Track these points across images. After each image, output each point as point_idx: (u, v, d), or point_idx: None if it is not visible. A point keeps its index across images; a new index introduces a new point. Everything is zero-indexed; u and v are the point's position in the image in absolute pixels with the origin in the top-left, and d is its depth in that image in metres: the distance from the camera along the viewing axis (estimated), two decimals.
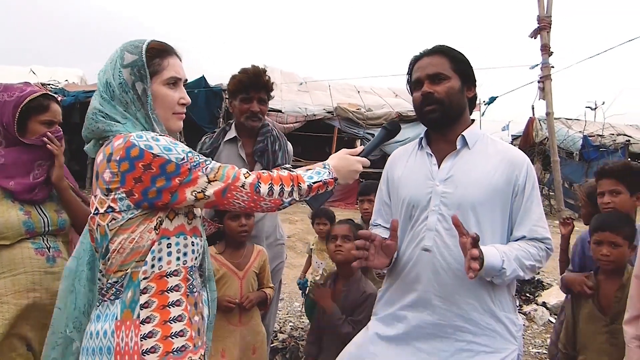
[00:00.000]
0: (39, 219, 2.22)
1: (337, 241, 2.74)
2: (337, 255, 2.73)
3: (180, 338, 1.54)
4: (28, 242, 2.19)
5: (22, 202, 2.20)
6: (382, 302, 2.13)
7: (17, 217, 2.16)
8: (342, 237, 2.74)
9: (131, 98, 1.59)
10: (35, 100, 2.21)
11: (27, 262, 2.16)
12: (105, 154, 1.52)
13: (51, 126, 2.27)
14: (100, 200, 1.52)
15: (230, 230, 2.63)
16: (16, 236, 2.15)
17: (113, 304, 1.54)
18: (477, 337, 1.88)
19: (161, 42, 1.67)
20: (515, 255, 1.85)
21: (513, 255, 1.84)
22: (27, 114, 2.20)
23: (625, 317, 2.10)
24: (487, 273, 1.80)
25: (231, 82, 3.01)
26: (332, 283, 2.82)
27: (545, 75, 5.32)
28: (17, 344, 2.17)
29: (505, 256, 1.81)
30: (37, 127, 2.23)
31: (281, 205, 1.62)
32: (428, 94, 1.94)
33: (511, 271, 1.82)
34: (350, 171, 1.76)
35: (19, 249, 2.16)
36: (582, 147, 15.25)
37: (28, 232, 2.18)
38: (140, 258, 1.52)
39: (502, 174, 1.92)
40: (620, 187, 2.71)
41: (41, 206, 2.26)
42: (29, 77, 15.47)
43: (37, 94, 2.22)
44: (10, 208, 2.16)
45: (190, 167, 1.50)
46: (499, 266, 1.79)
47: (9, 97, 2.18)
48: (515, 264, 1.83)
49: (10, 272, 2.14)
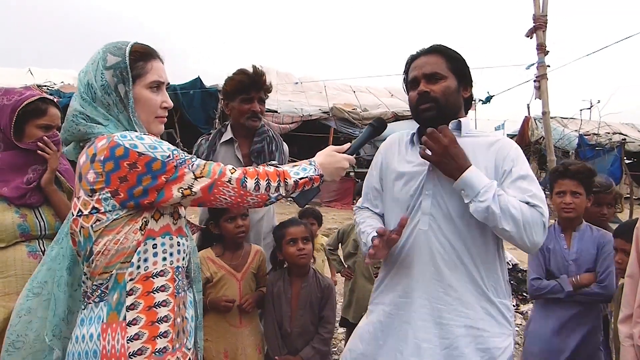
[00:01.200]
0: (35, 222, 2.21)
1: (298, 244, 2.62)
2: (302, 259, 2.62)
3: (164, 339, 1.54)
4: (23, 245, 2.18)
5: (18, 205, 2.19)
6: (380, 289, 2.13)
7: (12, 220, 2.15)
8: (302, 239, 2.64)
9: (113, 100, 1.58)
10: (32, 104, 2.20)
11: (19, 264, 2.15)
12: (89, 155, 1.50)
13: (48, 130, 2.25)
14: (84, 201, 1.50)
15: (227, 232, 2.61)
16: (10, 239, 2.14)
17: (98, 307, 1.52)
18: (476, 322, 1.88)
19: (144, 45, 1.66)
20: (504, 198, 1.78)
21: (501, 196, 1.78)
22: (24, 118, 2.18)
23: (620, 316, 2.11)
24: (462, 185, 1.81)
25: (229, 83, 2.99)
26: (288, 283, 2.69)
27: (541, 74, 5.33)
28: None
29: (491, 187, 1.78)
30: (34, 131, 2.21)
31: (268, 201, 1.62)
32: (424, 92, 1.95)
33: (485, 198, 1.76)
34: (336, 168, 1.77)
35: (12, 251, 2.15)
36: (578, 146, 15.30)
37: (23, 235, 2.17)
38: (126, 259, 1.51)
39: (490, 159, 1.93)
40: (580, 189, 2.77)
41: (39, 209, 2.25)
42: (27, 78, 15.45)
43: (34, 97, 2.21)
44: (6, 211, 2.16)
45: (177, 164, 1.50)
46: (477, 189, 1.78)
47: (7, 101, 2.17)
48: (495, 198, 1.77)
49: (1, 274, 2.13)
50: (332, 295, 2.71)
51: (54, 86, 15.05)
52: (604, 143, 15.55)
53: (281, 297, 2.65)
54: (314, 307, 2.65)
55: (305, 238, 2.65)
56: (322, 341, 2.62)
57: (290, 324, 2.63)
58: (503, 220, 1.76)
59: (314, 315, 2.66)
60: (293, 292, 2.67)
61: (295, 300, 2.66)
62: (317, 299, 2.66)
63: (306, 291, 2.66)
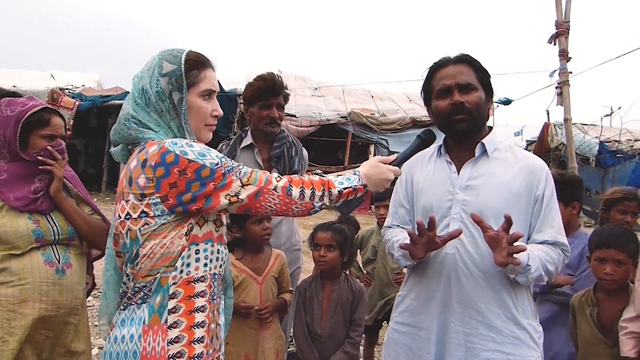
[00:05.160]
0: (49, 227, 2.23)
1: (321, 250, 2.72)
2: (321, 265, 2.73)
3: (200, 344, 1.55)
4: (38, 253, 2.19)
5: (30, 212, 2.20)
6: (401, 308, 2.10)
7: (26, 226, 2.16)
8: (326, 246, 2.72)
9: (166, 107, 1.61)
10: (36, 115, 2.20)
11: (36, 272, 2.16)
12: (140, 159, 1.53)
13: (52, 140, 2.25)
14: (133, 205, 1.53)
15: (253, 234, 2.63)
16: (26, 245, 2.15)
17: (140, 308, 1.55)
18: (502, 345, 1.85)
19: (198, 54, 1.68)
20: (538, 255, 1.83)
21: (537, 255, 1.82)
22: (28, 129, 2.19)
23: (625, 316, 2.16)
24: (512, 269, 1.79)
25: (248, 89, 3.05)
26: (320, 286, 2.78)
27: (563, 80, 5.27)
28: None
29: (531, 254, 1.80)
30: (38, 142, 2.21)
31: (312, 210, 1.63)
32: (460, 103, 1.91)
33: (535, 269, 1.80)
34: (381, 179, 1.76)
35: (28, 259, 2.16)
36: (598, 152, 15.08)
37: (38, 241, 2.18)
38: (170, 263, 1.53)
39: (522, 182, 1.91)
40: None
41: (51, 215, 2.26)
42: (49, 81, 15.69)
43: (37, 108, 2.21)
44: (19, 217, 2.17)
45: (224, 171, 1.53)
46: (524, 262, 1.77)
47: (11, 112, 2.18)
48: (538, 263, 1.81)
49: (19, 281, 2.13)
50: (362, 299, 2.75)
51: (76, 89, 15.26)
52: (625, 150, 15.31)
53: (313, 299, 2.73)
54: (345, 310, 2.70)
55: (329, 245, 2.71)
56: (352, 345, 2.67)
57: (321, 327, 2.68)
58: (545, 277, 1.88)
59: (345, 318, 2.70)
60: (324, 295, 2.74)
61: (327, 302, 2.72)
62: (348, 302, 2.71)
63: (337, 294, 2.72)
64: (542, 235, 1.91)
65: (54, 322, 2.22)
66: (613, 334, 2.30)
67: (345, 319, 2.70)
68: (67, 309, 2.26)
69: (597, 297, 2.44)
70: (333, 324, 2.68)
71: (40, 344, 2.21)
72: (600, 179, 12.91)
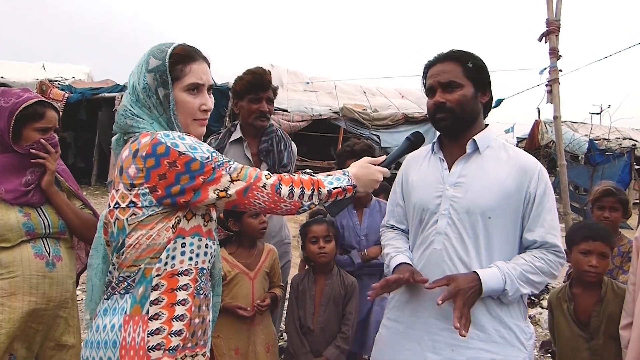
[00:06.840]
0: (39, 220, 2.22)
1: (319, 243, 2.72)
2: (322, 257, 2.73)
3: (177, 337, 1.55)
4: (28, 245, 2.18)
5: (21, 205, 2.19)
6: (391, 304, 2.14)
7: (17, 219, 2.15)
8: (323, 238, 2.73)
9: (154, 103, 1.62)
10: (30, 108, 2.19)
11: (26, 264, 2.16)
12: (132, 149, 1.54)
13: (46, 133, 2.24)
14: (123, 194, 1.54)
15: (250, 227, 2.64)
16: (17, 238, 2.15)
17: (122, 298, 1.56)
18: (487, 344, 1.86)
19: (186, 47, 1.67)
20: (520, 272, 1.85)
21: (517, 273, 1.84)
22: (22, 121, 2.17)
23: (622, 323, 2.14)
24: (489, 295, 1.83)
25: (238, 83, 3.05)
26: (312, 280, 2.80)
27: (553, 78, 5.29)
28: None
29: (508, 277, 1.82)
30: (31, 134, 2.20)
31: (300, 208, 1.63)
32: (440, 103, 1.94)
33: (514, 291, 1.83)
34: (370, 180, 1.77)
35: (18, 252, 2.15)
36: (588, 150, 15.17)
37: (28, 234, 2.18)
38: (155, 255, 1.54)
39: (513, 180, 1.91)
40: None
41: (42, 208, 2.26)
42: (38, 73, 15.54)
43: (32, 100, 2.20)
44: (9, 210, 2.16)
45: (214, 166, 1.53)
46: (500, 288, 1.81)
47: (5, 104, 2.16)
48: (518, 282, 1.83)
49: (8, 274, 2.13)
50: (355, 293, 2.76)
51: (65, 81, 15.09)
52: (614, 148, 15.40)
53: (305, 293, 2.74)
54: (337, 304, 2.71)
55: (326, 237, 2.72)
56: (344, 339, 2.68)
57: (313, 321, 2.69)
58: (533, 290, 1.90)
59: (337, 313, 2.71)
60: (317, 289, 2.75)
61: (319, 296, 2.73)
62: (341, 296, 2.72)
63: (329, 288, 2.73)
64: (532, 235, 1.92)
65: (44, 315, 2.22)
66: (590, 327, 2.35)
67: (337, 313, 2.71)
68: (57, 302, 2.25)
69: (573, 293, 2.47)
70: (325, 318, 2.69)
71: (30, 337, 2.20)
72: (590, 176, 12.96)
